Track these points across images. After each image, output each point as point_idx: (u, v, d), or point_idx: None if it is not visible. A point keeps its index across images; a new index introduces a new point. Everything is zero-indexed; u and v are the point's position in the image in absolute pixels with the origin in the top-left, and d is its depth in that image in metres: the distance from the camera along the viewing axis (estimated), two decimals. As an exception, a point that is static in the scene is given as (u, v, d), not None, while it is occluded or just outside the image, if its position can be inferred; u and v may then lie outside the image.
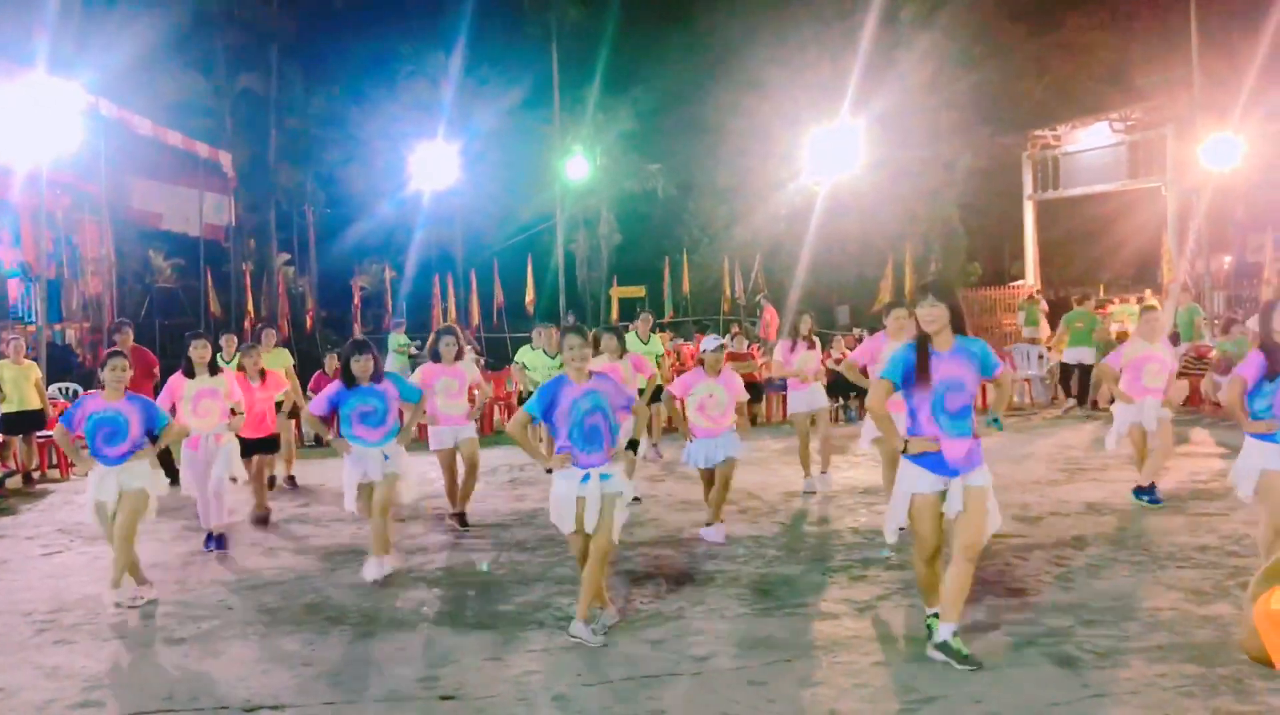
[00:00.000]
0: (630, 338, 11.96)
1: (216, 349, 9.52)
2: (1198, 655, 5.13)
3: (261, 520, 9.26)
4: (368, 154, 31.58)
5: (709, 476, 8.14)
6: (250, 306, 25.87)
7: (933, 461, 5.11)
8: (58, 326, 21.03)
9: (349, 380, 7.14)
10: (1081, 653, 5.26)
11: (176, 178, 24.88)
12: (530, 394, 12.14)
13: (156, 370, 12.41)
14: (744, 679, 5.12)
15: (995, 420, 5.24)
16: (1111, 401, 9.24)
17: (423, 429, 9.46)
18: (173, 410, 7.99)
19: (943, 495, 5.13)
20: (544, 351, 11.64)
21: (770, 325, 21.56)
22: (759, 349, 18.88)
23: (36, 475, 12.56)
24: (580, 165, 31.75)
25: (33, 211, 19.28)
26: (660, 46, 32.86)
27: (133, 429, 6.72)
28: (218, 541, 8.30)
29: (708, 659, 5.43)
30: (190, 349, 8.24)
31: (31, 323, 19.15)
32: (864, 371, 8.62)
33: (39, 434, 12.52)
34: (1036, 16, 28.51)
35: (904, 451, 5.18)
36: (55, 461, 12.99)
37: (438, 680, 5.28)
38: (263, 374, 9.46)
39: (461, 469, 8.85)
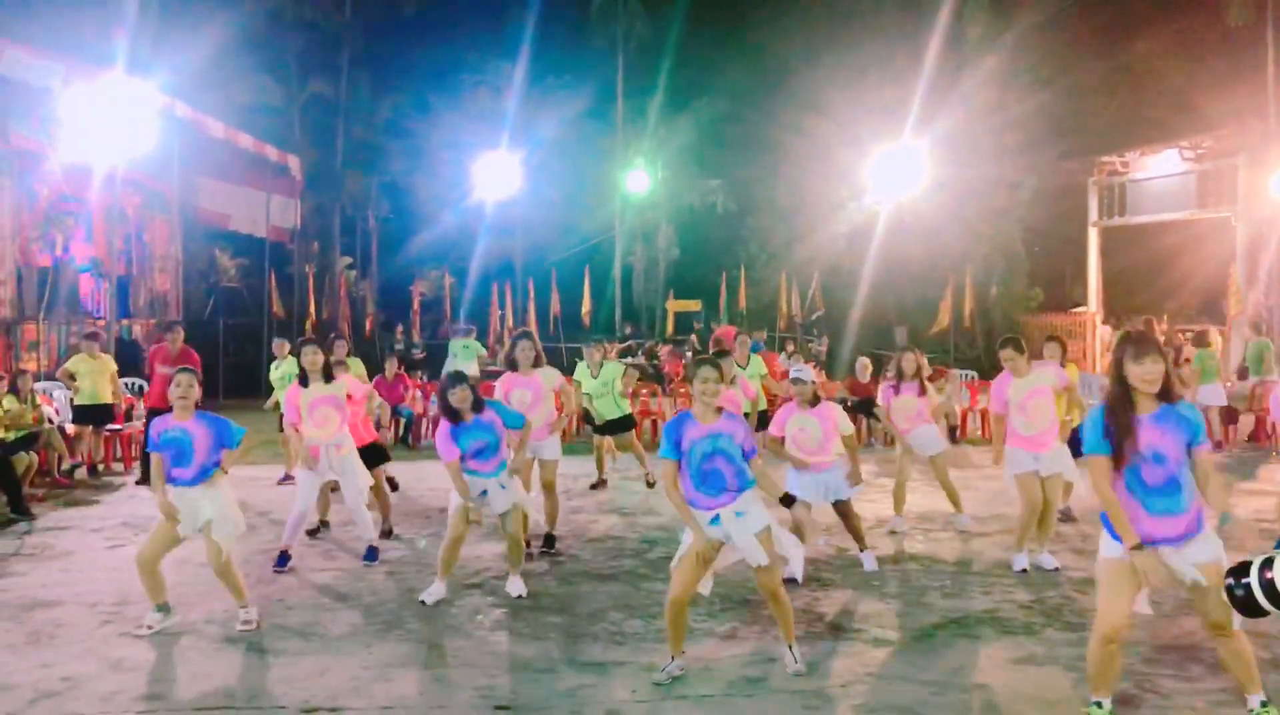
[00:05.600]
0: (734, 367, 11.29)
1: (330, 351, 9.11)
2: (1264, 700, 5.02)
3: (386, 533, 8.95)
4: (432, 163, 31.90)
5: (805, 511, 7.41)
6: (312, 308, 26.23)
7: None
8: (126, 322, 21.45)
9: (453, 416, 6.91)
10: (1143, 692, 5.17)
11: (245, 179, 25.29)
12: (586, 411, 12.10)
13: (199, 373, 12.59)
14: (799, 703, 5.11)
15: (1225, 517, 4.50)
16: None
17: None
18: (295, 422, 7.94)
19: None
20: (588, 371, 11.42)
21: (670, 367, 20.63)
22: (815, 368, 18.77)
23: (101, 468, 12.82)
24: (641, 178, 31.86)
25: (106, 209, 19.74)
26: (723, 64, 32.93)
27: (199, 450, 6.27)
28: (368, 553, 8.07)
29: (761, 681, 5.42)
30: (301, 357, 8.06)
31: (101, 318, 19.57)
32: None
33: (108, 427, 12.81)
34: (1105, 40, 28.15)
35: (1130, 550, 4.40)
36: (120, 455, 13.25)
37: (493, 689, 5.32)
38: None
39: (536, 489, 8.39)
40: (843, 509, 7.70)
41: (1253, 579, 1.94)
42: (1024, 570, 7.61)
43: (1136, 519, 4.43)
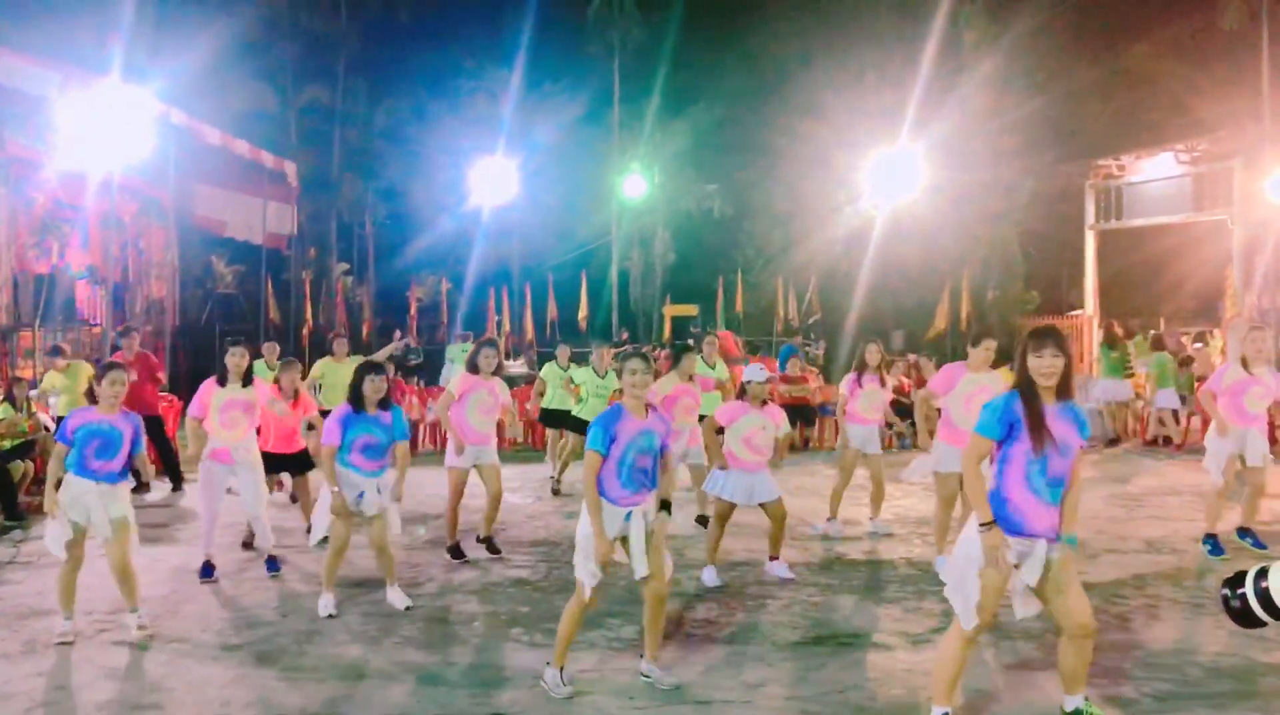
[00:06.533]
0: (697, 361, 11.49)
1: (256, 357, 9.24)
2: (1263, 705, 5.02)
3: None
4: (429, 168, 31.96)
5: (728, 510, 7.53)
6: (309, 315, 26.20)
7: (1014, 525, 4.45)
8: (121, 328, 21.40)
9: (358, 403, 6.74)
10: (1140, 695, 5.17)
11: (241, 186, 25.23)
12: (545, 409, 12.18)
13: (162, 375, 12.59)
14: (797, 709, 5.09)
15: (1071, 540, 4.54)
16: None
17: (444, 438, 9.21)
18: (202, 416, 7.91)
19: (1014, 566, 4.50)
20: (593, 369, 11.68)
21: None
22: (814, 373, 18.78)
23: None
24: (638, 183, 31.87)
25: (102, 216, 19.70)
26: (719, 69, 32.93)
27: (125, 445, 6.31)
28: (270, 563, 7.99)
29: (760, 687, 5.41)
30: (227, 356, 8.02)
31: (97, 325, 19.53)
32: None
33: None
34: (1101, 45, 28.17)
35: (980, 526, 4.46)
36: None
37: (489, 697, 5.31)
38: (296, 394, 9.03)
39: (478, 493, 8.44)
40: (771, 511, 7.52)
41: (1248, 589, 1.91)
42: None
43: (1030, 513, 4.44)
